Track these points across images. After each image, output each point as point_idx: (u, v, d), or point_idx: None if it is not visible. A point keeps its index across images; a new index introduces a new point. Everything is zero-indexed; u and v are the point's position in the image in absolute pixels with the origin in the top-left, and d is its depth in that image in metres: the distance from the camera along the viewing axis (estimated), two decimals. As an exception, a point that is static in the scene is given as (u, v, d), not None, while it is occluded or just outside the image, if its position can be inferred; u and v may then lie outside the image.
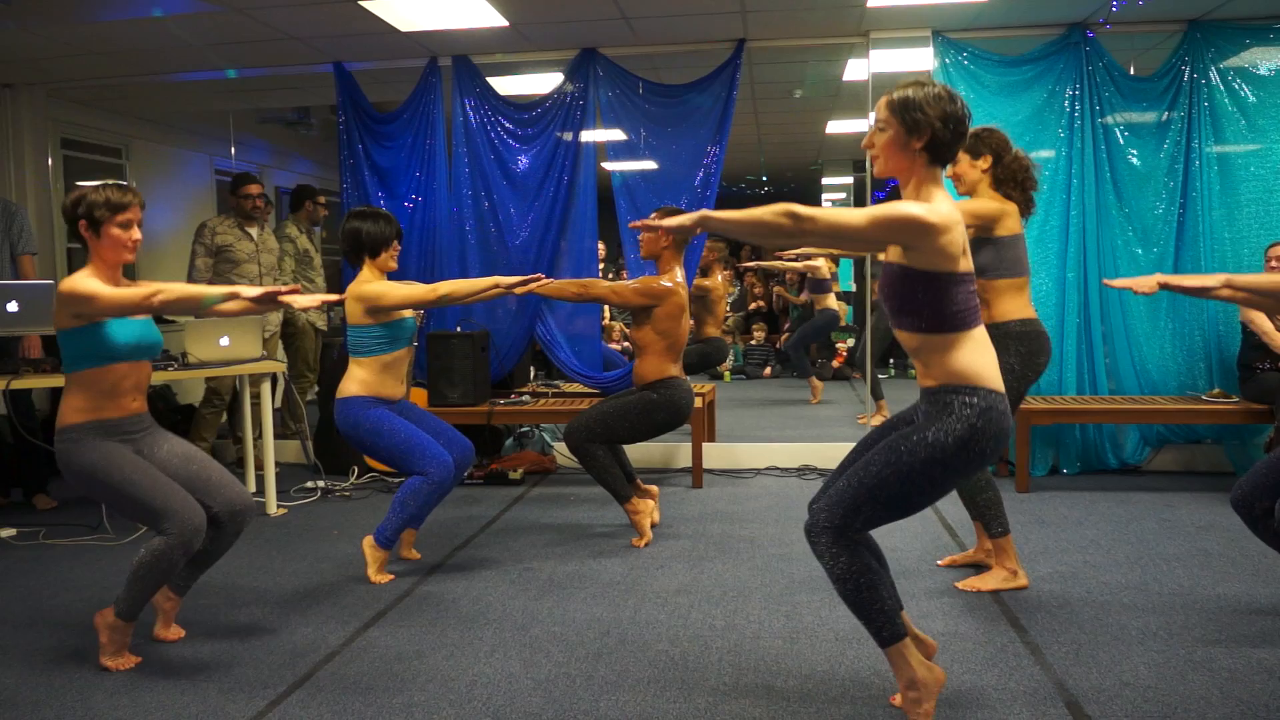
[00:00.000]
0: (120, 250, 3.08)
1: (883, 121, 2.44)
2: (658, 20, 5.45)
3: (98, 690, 2.92)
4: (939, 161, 2.43)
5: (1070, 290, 5.51)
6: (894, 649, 2.48)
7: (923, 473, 2.39)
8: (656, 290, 4.30)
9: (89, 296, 2.95)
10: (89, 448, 3.05)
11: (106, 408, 3.09)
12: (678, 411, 4.40)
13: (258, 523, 4.90)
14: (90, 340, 3.04)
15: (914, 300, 2.40)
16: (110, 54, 5.90)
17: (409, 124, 6.08)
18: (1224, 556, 4.00)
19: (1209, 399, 5.33)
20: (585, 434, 4.35)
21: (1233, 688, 2.78)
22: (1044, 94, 5.50)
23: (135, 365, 3.15)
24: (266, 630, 3.40)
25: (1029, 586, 3.66)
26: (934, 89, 2.40)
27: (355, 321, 3.93)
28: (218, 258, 5.92)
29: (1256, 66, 5.39)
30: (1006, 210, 3.59)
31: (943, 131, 2.38)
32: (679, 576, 3.91)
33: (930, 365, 2.45)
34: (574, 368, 6.08)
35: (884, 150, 2.45)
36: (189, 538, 3.03)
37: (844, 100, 8.00)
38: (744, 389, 9.71)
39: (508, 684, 2.92)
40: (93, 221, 3.05)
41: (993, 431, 2.38)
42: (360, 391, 3.93)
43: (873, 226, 2.31)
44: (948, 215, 2.34)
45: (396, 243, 4.03)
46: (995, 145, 3.64)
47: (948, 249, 2.34)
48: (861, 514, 2.44)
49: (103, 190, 3.06)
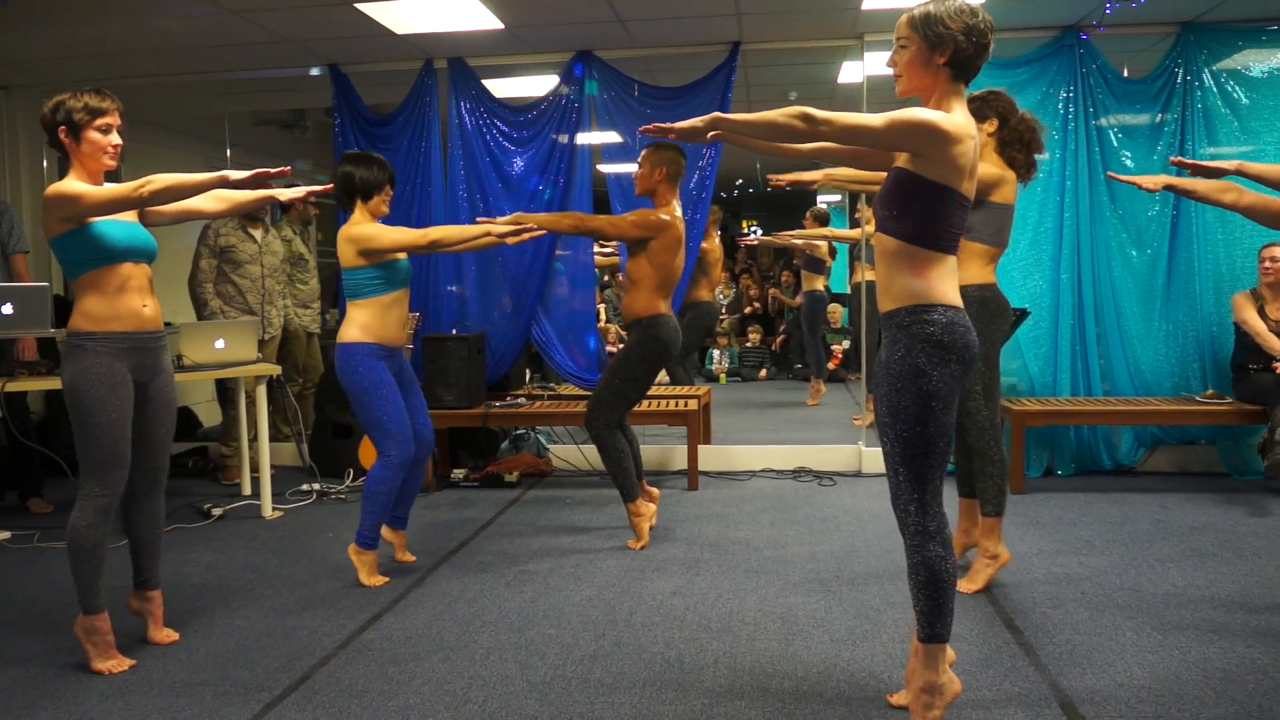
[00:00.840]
0: (100, 155, 3.06)
1: (904, 39, 2.42)
2: (653, 23, 5.46)
3: (92, 694, 2.92)
4: (962, 77, 2.42)
5: (1064, 292, 5.52)
6: (937, 648, 2.48)
7: (921, 413, 2.39)
8: (654, 222, 4.29)
9: (75, 196, 2.93)
10: (94, 360, 3.02)
11: (121, 313, 3.05)
12: (665, 347, 4.36)
13: (253, 525, 4.90)
14: (83, 241, 3.00)
15: (909, 206, 2.39)
16: (106, 56, 5.90)
17: (404, 126, 6.09)
18: (1218, 557, 4.01)
19: (1203, 400, 5.35)
20: (603, 415, 4.35)
21: (1227, 688, 2.79)
22: (1038, 96, 5.52)
23: (137, 266, 3.12)
24: (262, 633, 3.40)
25: (1022, 584, 3.66)
26: (955, 2, 2.38)
27: (349, 264, 3.89)
28: (221, 258, 5.92)
29: (1249, 69, 5.41)
30: (1005, 178, 3.63)
31: (965, 45, 2.37)
32: (675, 579, 3.91)
33: (896, 278, 2.44)
34: (569, 370, 6.08)
35: (906, 68, 2.43)
36: (105, 505, 3.05)
37: (839, 103, 8.01)
38: (739, 391, 9.71)
39: (504, 686, 2.92)
40: (72, 126, 3.02)
41: (959, 346, 2.39)
42: (362, 337, 3.88)
43: (888, 128, 2.30)
44: (963, 126, 2.34)
45: (389, 187, 4.01)
46: (1001, 108, 3.67)
47: (957, 160, 2.34)
48: (914, 481, 2.43)
49: (81, 95, 3.03)
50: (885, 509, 4.56)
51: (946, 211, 2.38)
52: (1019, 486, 5.22)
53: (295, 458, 6.10)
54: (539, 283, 5.99)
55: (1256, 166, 2.96)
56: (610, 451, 4.37)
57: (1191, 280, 5.48)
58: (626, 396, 4.39)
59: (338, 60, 6.10)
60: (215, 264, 5.91)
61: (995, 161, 3.65)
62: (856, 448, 5.91)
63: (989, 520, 3.70)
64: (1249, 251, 5.35)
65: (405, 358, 4.10)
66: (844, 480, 5.64)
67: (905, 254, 2.42)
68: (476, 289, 6.10)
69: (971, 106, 3.61)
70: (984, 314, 3.60)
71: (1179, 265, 5.51)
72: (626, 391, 4.38)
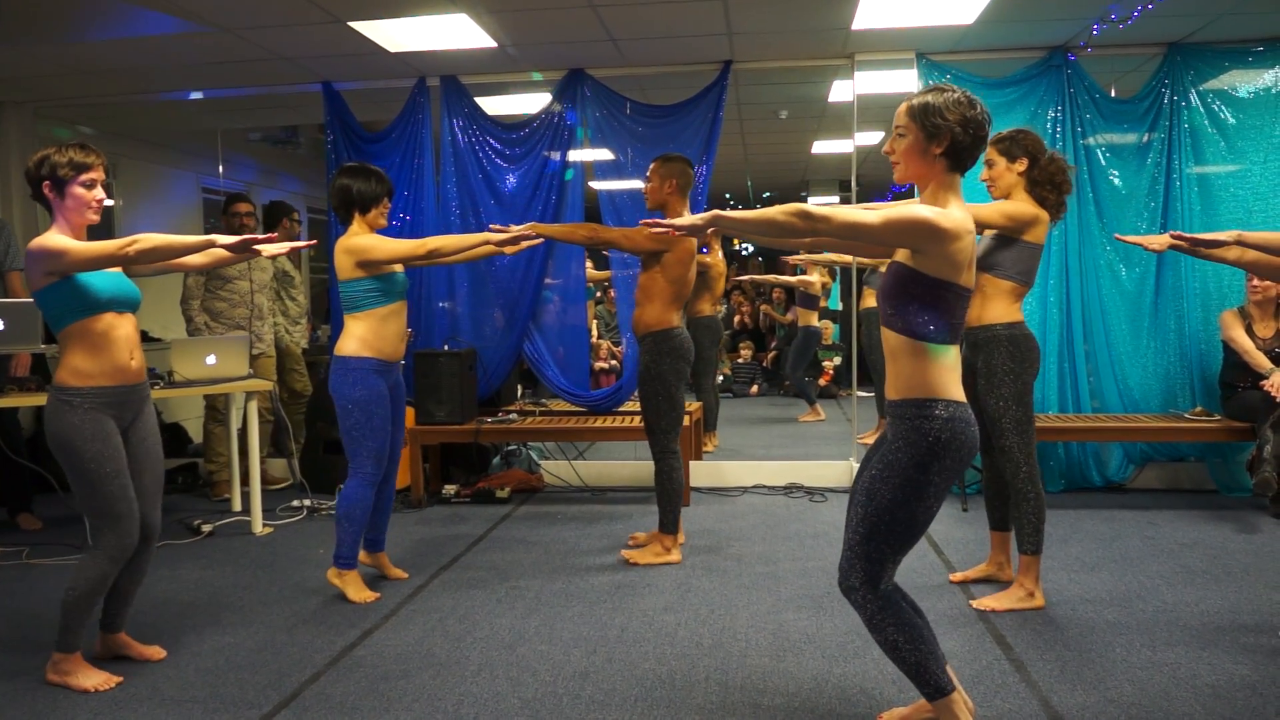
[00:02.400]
0: (84, 211, 3.04)
1: (902, 127, 2.46)
2: (645, 42, 5.50)
3: (81, 711, 2.91)
4: (958, 167, 2.44)
5: (1053, 309, 5.55)
6: (942, 703, 2.48)
7: (904, 500, 2.41)
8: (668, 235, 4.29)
9: (60, 251, 2.90)
10: (82, 416, 3.00)
11: (107, 369, 3.03)
12: (683, 358, 4.36)
13: (244, 541, 4.88)
14: (67, 293, 2.98)
15: (909, 301, 2.41)
16: (98, 73, 5.91)
17: (397, 143, 6.10)
18: (1207, 574, 4.03)
19: (1191, 417, 5.37)
20: (662, 440, 4.36)
21: (1216, 704, 2.80)
22: (1026, 116, 5.56)
23: (121, 317, 3.09)
24: (252, 649, 3.39)
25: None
26: (954, 94, 2.42)
27: (346, 276, 3.88)
28: (209, 275, 5.91)
29: (1235, 89, 5.47)
30: (1040, 218, 3.62)
31: (962, 137, 2.39)
32: (666, 595, 3.91)
33: (900, 371, 2.46)
34: (561, 385, 6.08)
35: (904, 156, 2.46)
36: (118, 555, 3.05)
37: (829, 121, 8.07)
38: (731, 407, 9.72)
39: (495, 703, 2.91)
40: (56, 182, 3.01)
41: (957, 443, 2.39)
42: (360, 350, 3.87)
43: (885, 227, 2.32)
44: (960, 222, 2.36)
45: (387, 200, 4.00)
46: (1031, 146, 3.66)
47: (955, 256, 2.35)
48: (876, 556, 2.45)
49: (65, 150, 3.02)
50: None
51: (947, 305, 2.40)
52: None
53: (286, 473, 6.09)
54: (531, 299, 6.00)
55: (1255, 236, 2.98)
56: (670, 478, 4.37)
57: (1180, 298, 5.52)
58: (667, 416, 4.37)
59: (331, 77, 6.12)
60: (203, 281, 5.91)
61: (1027, 200, 3.64)
62: (848, 464, 5.92)
63: (1026, 558, 3.69)
64: (1236, 271, 5.38)
65: (400, 375, 4.10)
66: (836, 496, 5.65)
67: (908, 349, 2.44)
68: (468, 305, 6.11)
69: (1000, 146, 3.65)
70: (1015, 353, 3.60)
71: (1167, 283, 5.55)
72: (668, 410, 4.36)
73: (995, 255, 3.64)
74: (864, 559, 2.45)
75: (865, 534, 2.44)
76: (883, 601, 2.46)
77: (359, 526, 3.93)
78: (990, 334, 3.62)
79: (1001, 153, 3.67)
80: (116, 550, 3.05)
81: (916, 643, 2.45)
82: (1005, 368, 3.60)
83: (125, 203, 7.61)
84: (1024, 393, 3.63)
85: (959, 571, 4.07)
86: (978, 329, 3.65)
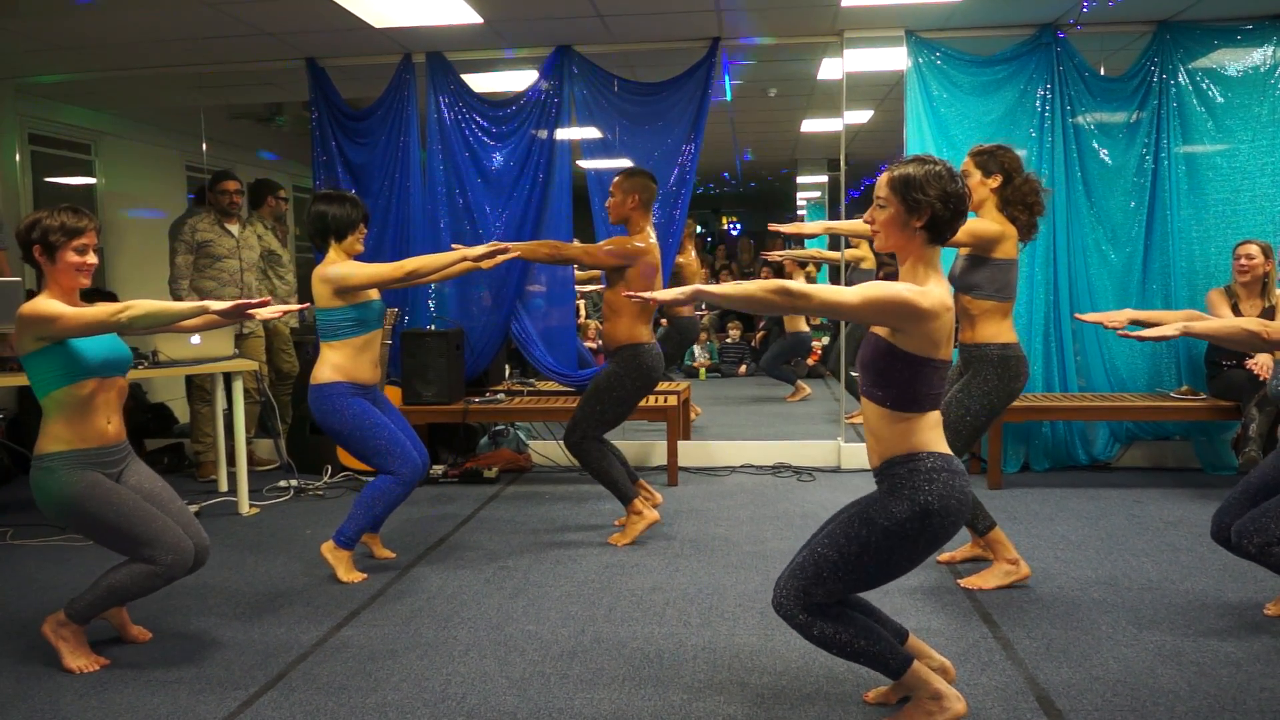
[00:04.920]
0: (76, 275, 3.01)
1: (883, 199, 2.45)
2: (633, 18, 5.45)
3: (66, 692, 2.89)
4: (937, 240, 2.44)
5: (1040, 289, 5.55)
6: (908, 675, 2.50)
7: (882, 549, 2.41)
8: (629, 250, 4.28)
9: (52, 317, 2.89)
10: (69, 477, 2.98)
11: (86, 434, 3.02)
12: (649, 375, 4.36)
13: (230, 522, 4.86)
14: (56, 360, 2.96)
15: (890, 377, 2.41)
16: (79, 49, 5.83)
17: (383, 121, 6.04)
18: (1192, 552, 4.05)
19: (1177, 396, 5.40)
20: (581, 431, 4.34)
21: (1200, 681, 2.82)
22: (1016, 94, 5.55)
23: (106, 381, 3.08)
24: (238, 630, 3.37)
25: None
26: (935, 167, 2.41)
27: (323, 304, 3.88)
28: (198, 254, 5.86)
29: (1224, 67, 5.46)
30: (1006, 234, 3.60)
31: (943, 211, 2.39)
32: (654, 574, 3.91)
33: (884, 439, 2.47)
34: (549, 365, 6.06)
35: (884, 227, 2.46)
36: (178, 569, 3.04)
37: (818, 99, 8.03)
38: (720, 387, 9.72)
39: (482, 683, 2.91)
40: (47, 246, 2.97)
41: (949, 504, 2.39)
42: (335, 377, 3.88)
43: (864, 305, 2.33)
44: (939, 300, 2.36)
45: (363, 226, 3.99)
46: (1007, 165, 3.63)
47: (933, 334, 2.36)
48: (824, 586, 2.46)
49: (57, 214, 2.98)
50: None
51: (925, 379, 2.40)
52: (997, 482, 5.26)
53: (272, 453, 6.07)
54: (518, 279, 5.97)
55: (1200, 326, 2.98)
56: (593, 462, 4.35)
57: (1167, 277, 5.53)
58: (605, 420, 4.37)
59: (315, 54, 6.05)
60: (192, 260, 5.85)
61: (996, 218, 3.61)
62: (835, 444, 5.93)
63: (988, 537, 3.70)
64: (1223, 249, 5.40)
65: (380, 391, 4.10)
66: (823, 476, 5.66)
67: (889, 419, 2.44)
68: (455, 284, 6.07)
69: (978, 160, 3.64)
70: (1005, 374, 3.59)
71: (1154, 262, 5.55)
72: (607, 416, 4.36)
73: (971, 276, 3.63)
74: (811, 583, 2.45)
75: (830, 564, 2.44)
76: (815, 611, 2.47)
77: (374, 519, 3.94)
78: (983, 353, 3.62)
79: (978, 166, 3.64)
80: (172, 569, 3.03)
81: (859, 633, 2.46)
82: (990, 385, 3.59)
83: (108, 181, 7.53)
84: (994, 409, 3.63)
85: (946, 552, 4.08)
86: (970, 346, 3.65)
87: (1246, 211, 5.43)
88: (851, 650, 2.47)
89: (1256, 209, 5.41)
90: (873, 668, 2.51)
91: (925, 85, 5.60)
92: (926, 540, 2.41)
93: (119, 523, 2.99)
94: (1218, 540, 3.27)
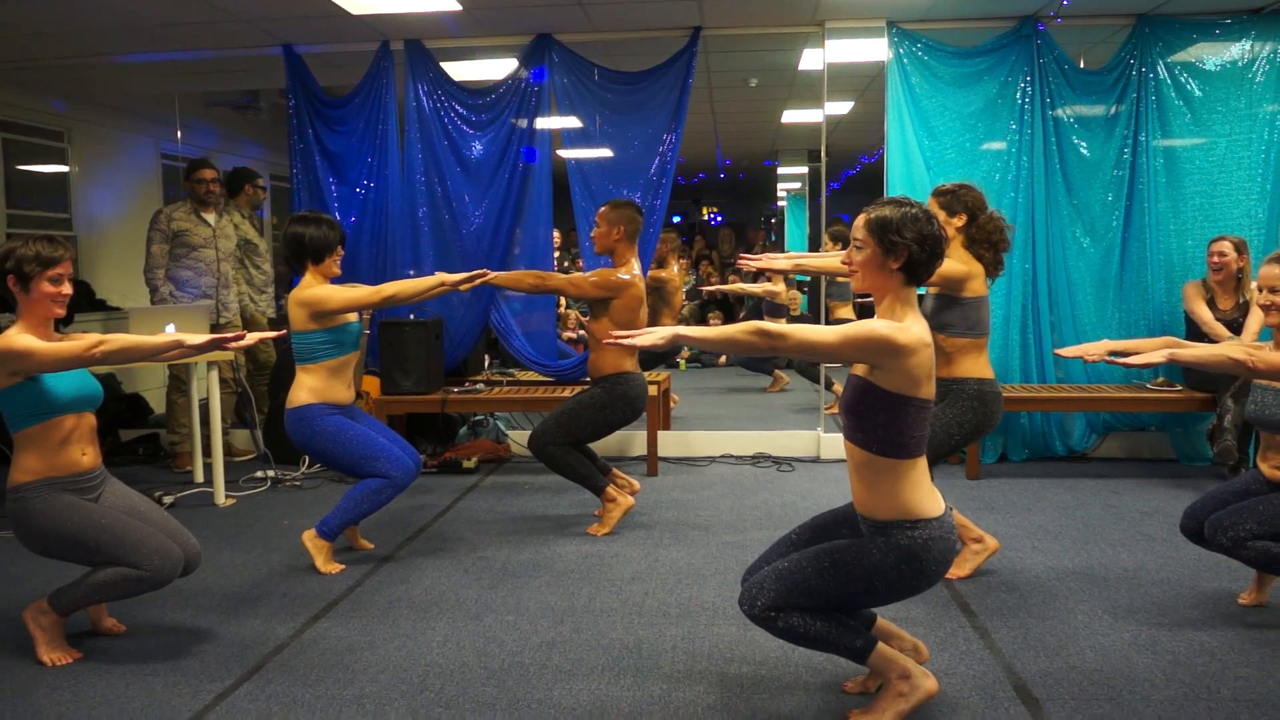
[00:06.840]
0: (50, 306, 2.97)
1: (860, 240, 2.45)
2: (613, 6, 5.42)
3: (39, 685, 2.86)
4: (914, 281, 2.44)
5: (1018, 280, 5.58)
6: (873, 657, 2.51)
7: (863, 582, 2.43)
8: (614, 283, 4.28)
9: (25, 353, 2.85)
10: (43, 503, 2.95)
11: (59, 465, 2.99)
12: (632, 406, 4.38)
13: (206, 513, 4.82)
14: (28, 397, 2.93)
15: (873, 419, 2.41)
16: (52, 34, 5.74)
17: (360, 109, 5.99)
18: (1167, 542, 4.08)
19: (1153, 388, 5.44)
20: (546, 439, 4.33)
21: (1176, 670, 2.84)
22: (996, 86, 5.56)
23: (80, 416, 3.04)
24: (214, 622, 3.34)
25: (977, 568, 3.70)
26: (911, 210, 2.41)
27: (300, 328, 3.86)
28: (174, 243, 5.80)
29: (1203, 61, 5.49)
30: (973, 273, 3.59)
31: (919, 254, 2.39)
32: (634, 564, 3.91)
33: (872, 488, 2.46)
34: (528, 355, 6.04)
35: (861, 268, 2.46)
36: (165, 574, 3.00)
37: (799, 90, 8.02)
38: (699, 377, 9.73)
39: (461, 674, 2.90)
40: (21, 277, 2.92)
41: (938, 559, 2.42)
42: (311, 399, 3.86)
43: (843, 344, 2.33)
44: (918, 337, 2.36)
45: (340, 248, 3.96)
46: (971, 204, 3.62)
47: (914, 371, 2.35)
48: (797, 602, 2.46)
49: (32, 244, 2.94)
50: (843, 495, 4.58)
51: (908, 419, 2.39)
52: (974, 472, 5.29)
53: (249, 444, 6.02)
54: (497, 268, 5.94)
55: (1185, 354, 2.99)
56: (560, 464, 4.34)
57: (1144, 270, 5.56)
58: (572, 432, 4.35)
59: (292, 40, 5.98)
60: (168, 249, 5.79)
61: (962, 257, 3.61)
62: (815, 434, 5.94)
63: None
64: (1199, 242, 5.44)
65: (358, 409, 4.08)
66: (802, 466, 5.67)
67: (874, 465, 2.44)
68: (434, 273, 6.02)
69: (942, 200, 3.63)
70: (981, 409, 3.58)
71: (1131, 255, 5.58)
72: (577, 434, 4.36)
73: (943, 316, 3.62)
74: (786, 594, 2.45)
75: (809, 584, 2.44)
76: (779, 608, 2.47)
77: (360, 515, 3.92)
78: (960, 387, 3.60)
79: (942, 206, 3.63)
80: (160, 574, 2.99)
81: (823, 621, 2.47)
82: (966, 417, 3.58)
83: (81, 169, 7.43)
84: (968, 438, 3.62)
85: None
86: (948, 380, 3.62)
87: (1223, 205, 5.47)
88: (817, 639, 2.47)
89: (1233, 202, 5.45)
90: (838, 654, 2.51)
91: (906, 77, 5.60)
92: (913, 584, 2.46)
93: (99, 538, 2.95)
94: (1187, 534, 3.33)
